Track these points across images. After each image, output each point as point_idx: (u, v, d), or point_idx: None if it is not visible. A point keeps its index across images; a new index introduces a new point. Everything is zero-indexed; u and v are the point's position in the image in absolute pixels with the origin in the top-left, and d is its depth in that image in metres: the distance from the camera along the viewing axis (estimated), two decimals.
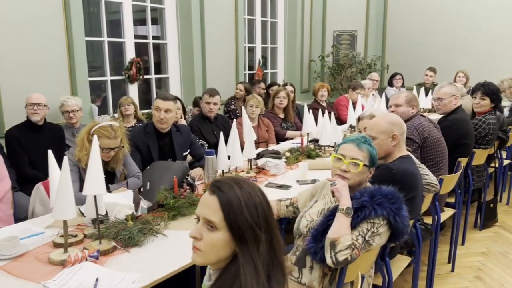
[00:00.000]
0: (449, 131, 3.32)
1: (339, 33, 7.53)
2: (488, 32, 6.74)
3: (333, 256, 1.65)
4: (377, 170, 2.24)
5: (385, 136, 2.29)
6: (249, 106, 4.02)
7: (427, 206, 2.68)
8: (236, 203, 1.04)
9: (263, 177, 2.84)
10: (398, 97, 3.14)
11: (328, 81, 7.39)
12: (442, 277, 3.07)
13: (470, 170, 3.55)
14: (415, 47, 7.40)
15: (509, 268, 3.17)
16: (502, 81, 4.99)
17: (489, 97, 3.64)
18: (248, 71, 6.49)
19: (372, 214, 1.70)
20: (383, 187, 1.77)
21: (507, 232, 3.81)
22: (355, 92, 5.25)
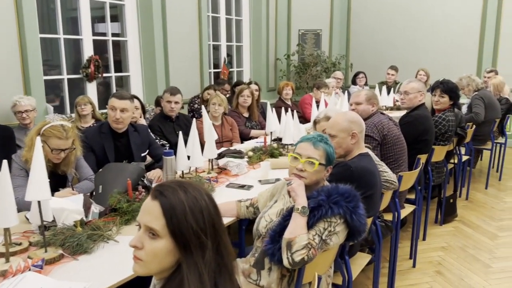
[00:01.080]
0: (410, 127, 3.38)
1: (304, 32, 7.57)
2: (447, 31, 6.94)
3: (289, 257, 1.62)
4: (335, 167, 2.24)
5: (344, 134, 2.29)
6: (212, 105, 3.95)
7: (387, 203, 2.70)
8: (180, 208, 0.98)
9: (224, 178, 2.79)
10: (359, 95, 3.15)
11: (294, 79, 7.41)
12: (403, 273, 3.11)
13: (430, 167, 3.62)
14: (377, 46, 7.53)
15: (468, 262, 3.25)
16: (461, 79, 5.13)
17: (448, 95, 3.73)
18: (213, 70, 6.41)
19: (328, 213, 1.68)
20: (340, 186, 1.76)
21: (467, 226, 3.91)
22: (319, 90, 5.27)
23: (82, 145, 2.41)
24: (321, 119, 2.92)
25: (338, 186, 1.76)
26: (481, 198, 4.63)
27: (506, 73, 6.01)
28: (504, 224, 3.92)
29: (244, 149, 3.36)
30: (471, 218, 4.08)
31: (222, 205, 2.19)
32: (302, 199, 1.72)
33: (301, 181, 1.80)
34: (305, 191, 1.80)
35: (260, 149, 3.34)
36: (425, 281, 3.00)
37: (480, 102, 4.78)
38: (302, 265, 1.64)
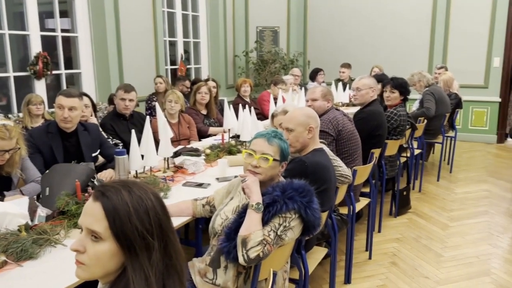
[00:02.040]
0: (364, 122, 3.46)
1: (262, 29, 7.58)
2: (399, 30, 7.16)
3: (244, 254, 1.61)
4: (290, 163, 2.25)
5: (302, 128, 2.31)
6: (168, 102, 3.87)
7: (342, 197, 2.75)
8: (124, 209, 0.94)
9: (181, 176, 2.74)
10: (314, 91, 3.19)
11: (253, 76, 7.42)
12: (359, 265, 3.18)
13: (383, 160, 3.72)
14: (334, 43, 7.66)
15: (421, 252, 3.37)
16: (412, 75, 5.30)
17: (398, 90, 3.84)
18: (170, 66, 6.29)
19: (283, 209, 1.68)
20: (294, 181, 1.77)
21: (420, 218, 4.05)
22: (277, 87, 5.30)
23: (27, 145, 2.29)
24: (279, 113, 2.94)
25: (292, 182, 1.76)
26: (433, 190, 4.81)
27: (455, 69, 6.29)
28: (455, 215, 4.10)
29: (201, 146, 3.32)
30: (424, 210, 4.24)
31: (177, 204, 2.16)
32: (256, 196, 1.71)
33: (256, 177, 1.79)
34: (260, 187, 1.79)
35: (218, 147, 3.31)
36: (380, 272, 3.08)
37: (431, 98, 4.96)
38: (258, 261, 1.64)
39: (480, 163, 5.80)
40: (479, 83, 6.69)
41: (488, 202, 4.37)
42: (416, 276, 3.01)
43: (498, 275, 2.98)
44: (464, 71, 6.56)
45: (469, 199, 4.47)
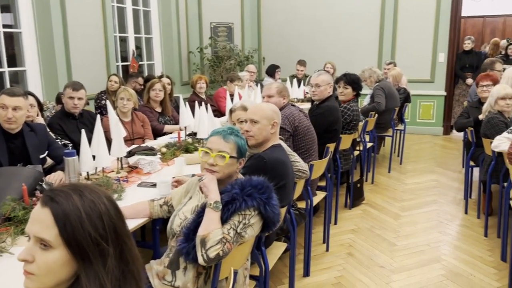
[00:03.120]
0: (322, 118, 3.52)
1: (216, 25, 7.52)
2: (350, 27, 7.34)
3: (204, 254, 1.59)
4: (249, 160, 2.25)
5: (267, 122, 2.33)
6: (119, 100, 3.75)
7: (300, 192, 2.79)
8: (75, 214, 0.89)
9: (135, 177, 2.66)
10: (270, 88, 3.21)
11: (208, 73, 7.35)
12: (318, 257, 3.24)
13: (338, 155, 3.81)
14: (288, 40, 7.74)
15: (376, 242, 3.48)
16: (363, 71, 5.46)
17: (351, 86, 3.94)
18: (121, 63, 6.10)
19: (242, 206, 1.67)
20: (253, 178, 1.76)
21: (373, 208, 4.19)
22: (233, 83, 5.28)
23: None
24: (238, 108, 2.93)
25: (251, 179, 1.76)
26: (385, 181, 4.99)
27: (404, 65, 6.54)
28: (406, 205, 4.27)
29: (157, 145, 3.25)
30: (377, 201, 4.38)
31: (133, 206, 2.10)
32: (214, 194, 1.69)
33: (213, 176, 1.77)
34: (219, 185, 1.77)
35: (174, 145, 3.25)
36: (338, 263, 3.16)
37: (381, 92, 5.14)
38: (218, 260, 1.62)
39: (428, 155, 6.07)
40: (425, 78, 7.00)
41: (436, 192, 4.59)
42: (372, 266, 3.11)
43: (448, 261, 3.14)
44: (411, 66, 6.84)
45: (419, 189, 4.68)
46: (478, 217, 3.86)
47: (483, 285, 2.82)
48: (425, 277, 2.93)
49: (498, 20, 10.78)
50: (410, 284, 2.86)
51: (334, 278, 2.96)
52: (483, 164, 3.68)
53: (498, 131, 3.38)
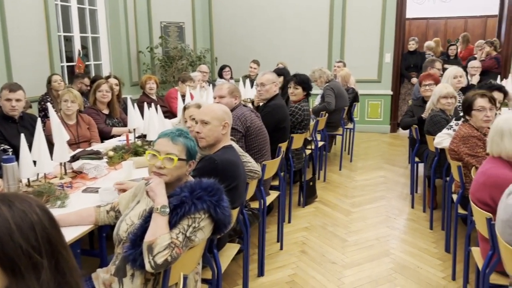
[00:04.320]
0: (270, 116, 3.53)
1: (167, 24, 7.38)
2: (300, 27, 7.44)
3: (151, 261, 1.54)
4: (200, 162, 2.22)
5: (218, 122, 2.30)
6: (63, 102, 3.57)
7: (252, 192, 2.79)
8: (4, 227, 0.83)
9: (80, 182, 2.54)
10: (221, 88, 3.18)
11: (159, 73, 7.20)
12: (272, 256, 3.26)
13: (290, 154, 3.85)
14: (240, 40, 7.74)
15: (328, 239, 3.55)
16: (314, 72, 5.55)
17: (302, 86, 4.00)
18: (66, 63, 5.84)
19: (192, 210, 1.64)
20: (203, 180, 1.73)
21: (325, 206, 4.27)
22: (184, 84, 5.19)
23: None
24: (191, 105, 2.90)
25: (201, 181, 1.73)
26: (336, 179, 5.11)
27: (352, 65, 6.73)
28: (356, 201, 4.39)
29: (103, 149, 3.13)
30: (329, 198, 4.47)
31: (78, 212, 2.00)
32: (161, 198, 1.65)
33: (160, 179, 1.72)
34: (168, 188, 1.73)
35: (123, 148, 3.14)
36: (291, 262, 3.19)
37: (331, 92, 5.25)
38: (166, 266, 1.58)
39: (377, 152, 6.28)
40: (373, 78, 7.24)
41: (384, 188, 4.75)
42: (324, 262, 3.16)
43: (396, 255, 3.25)
44: (359, 66, 7.05)
45: (368, 186, 4.83)
46: (424, 211, 4.04)
47: (429, 276, 2.95)
48: (375, 271, 3.03)
49: (440, 22, 11.37)
50: (360, 279, 2.93)
51: (288, 276, 2.98)
52: (427, 160, 3.86)
53: (440, 128, 3.55)
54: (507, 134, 2.17)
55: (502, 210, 1.87)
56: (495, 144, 2.23)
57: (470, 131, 2.94)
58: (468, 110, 2.98)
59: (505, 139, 2.18)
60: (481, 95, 2.94)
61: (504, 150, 2.19)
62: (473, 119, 2.96)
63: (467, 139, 2.92)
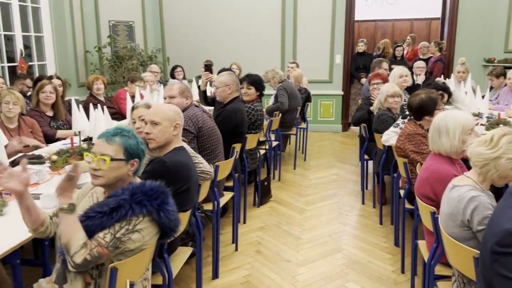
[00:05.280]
0: (226, 120, 3.50)
1: (115, 23, 7.15)
2: (253, 28, 7.46)
3: (70, 261, 1.51)
4: (150, 164, 2.16)
5: (168, 123, 2.25)
6: (4, 104, 3.37)
7: (205, 194, 2.75)
8: None
9: None
10: (171, 88, 3.12)
11: (108, 73, 6.96)
12: (227, 258, 3.23)
13: (244, 154, 3.84)
14: (193, 40, 7.64)
15: (283, 237, 3.57)
16: (267, 72, 5.58)
17: (254, 86, 4.01)
18: (7, 64, 5.51)
19: (129, 214, 1.59)
20: (147, 183, 1.68)
21: (280, 205, 4.30)
22: (134, 84, 5.05)
23: None
24: (140, 105, 2.82)
25: (144, 184, 1.68)
26: (290, 178, 5.16)
27: (304, 65, 6.82)
28: (310, 199, 4.45)
29: (46, 153, 2.97)
30: (284, 197, 4.51)
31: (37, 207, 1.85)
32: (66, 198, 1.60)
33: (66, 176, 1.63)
34: (109, 189, 1.70)
35: (67, 151, 2.99)
36: (246, 262, 3.17)
37: (284, 93, 5.30)
38: (89, 265, 1.54)
39: (329, 150, 6.42)
40: (324, 78, 7.39)
41: (337, 185, 4.85)
42: (279, 261, 3.18)
43: (348, 250, 3.33)
44: (311, 67, 7.16)
45: (321, 184, 4.91)
46: (374, 207, 4.16)
47: (379, 270, 3.04)
48: (328, 267, 3.08)
49: (387, 24, 11.82)
50: (314, 276, 2.97)
51: (243, 277, 2.97)
52: (376, 157, 3.98)
53: (387, 126, 3.68)
54: (443, 131, 2.27)
55: (446, 204, 1.95)
56: (434, 142, 2.33)
57: (415, 129, 3.06)
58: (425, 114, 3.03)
59: (442, 136, 2.28)
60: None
61: (442, 147, 2.29)
62: (424, 122, 3.05)
63: (412, 136, 3.03)
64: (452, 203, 1.89)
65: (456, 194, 1.88)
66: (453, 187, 1.93)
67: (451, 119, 2.28)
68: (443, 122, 2.29)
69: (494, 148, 1.79)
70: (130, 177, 1.76)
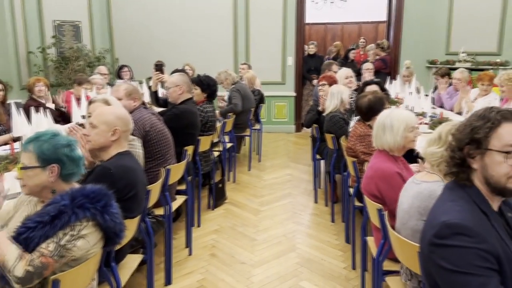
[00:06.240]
0: (175, 120, 3.43)
1: (61, 23, 6.84)
2: (205, 29, 7.38)
3: (12, 277, 1.44)
4: (93, 172, 2.08)
5: (106, 127, 2.15)
6: None
7: (156, 198, 2.68)
8: None
9: None
10: (118, 90, 3.02)
11: (54, 75, 6.65)
12: (180, 263, 3.17)
13: (197, 157, 3.79)
14: (143, 41, 7.45)
15: (238, 239, 3.56)
16: (219, 74, 5.55)
17: (200, 87, 3.99)
18: None
19: (72, 219, 1.52)
20: (87, 186, 1.62)
21: (235, 207, 4.28)
22: (81, 86, 4.84)
23: None
24: (98, 100, 2.74)
25: (84, 187, 1.62)
26: (246, 179, 5.15)
27: (257, 67, 6.85)
28: (265, 200, 4.47)
29: None
30: (239, 199, 4.50)
31: None
32: None
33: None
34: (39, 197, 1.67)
35: (6, 158, 2.82)
36: (201, 266, 3.13)
37: (237, 94, 5.29)
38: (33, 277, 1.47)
39: (283, 151, 6.48)
40: (277, 80, 7.46)
41: (291, 185, 4.91)
42: (234, 264, 3.16)
43: (302, 249, 3.37)
44: (264, 69, 7.20)
45: (276, 184, 4.95)
46: (326, 205, 4.24)
47: (331, 267, 3.09)
48: (282, 267, 3.10)
49: (337, 27, 12.13)
50: (269, 276, 2.98)
51: (197, 282, 2.92)
52: (327, 157, 4.06)
53: (340, 127, 3.77)
54: (388, 128, 2.36)
55: (411, 198, 1.97)
56: (378, 138, 2.41)
57: (365, 130, 3.14)
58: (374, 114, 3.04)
59: (387, 132, 2.36)
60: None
61: (386, 142, 2.37)
62: (373, 122, 3.12)
63: (363, 138, 3.11)
64: (422, 197, 1.92)
65: (427, 191, 1.91)
66: (421, 183, 1.97)
67: (395, 116, 2.37)
68: (388, 119, 2.37)
69: (444, 145, 1.86)
70: (59, 183, 1.67)
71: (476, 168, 1.38)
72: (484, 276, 1.25)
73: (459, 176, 1.42)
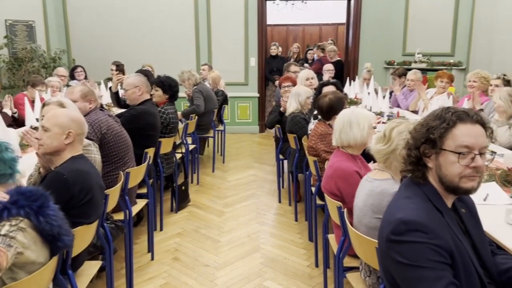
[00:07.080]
0: (132, 120, 3.37)
1: (13, 23, 6.55)
2: (166, 29, 7.27)
3: None
4: (46, 177, 2.00)
5: (59, 130, 2.06)
6: None
7: (115, 203, 2.61)
8: None
9: None
10: (72, 92, 2.91)
11: (6, 77, 6.36)
12: (142, 268, 3.11)
13: (159, 159, 3.73)
14: (100, 41, 7.24)
15: (201, 242, 3.52)
16: (182, 73, 5.47)
17: (161, 88, 3.92)
18: None
19: (4, 215, 1.47)
20: (22, 187, 1.57)
21: (199, 209, 4.24)
22: (35, 89, 4.65)
23: None
24: (52, 102, 2.63)
25: (20, 187, 1.56)
26: (209, 181, 5.12)
27: (220, 68, 6.81)
28: (229, 201, 4.45)
29: None
30: (202, 201, 4.45)
31: None
32: None
33: None
34: None
35: None
36: (163, 271, 3.08)
37: (199, 95, 5.24)
38: None
39: (247, 152, 6.49)
40: (240, 81, 7.46)
41: (255, 185, 4.91)
42: (197, 266, 3.13)
43: (266, 249, 3.38)
44: (227, 70, 7.17)
45: (240, 185, 4.94)
46: (290, 204, 4.28)
47: (295, 266, 3.12)
48: (246, 268, 3.10)
49: (298, 28, 12.29)
50: (233, 278, 2.97)
51: (160, 287, 2.88)
52: (290, 156, 4.10)
53: (301, 127, 3.81)
54: (355, 123, 2.42)
55: (365, 195, 2.01)
56: (344, 134, 2.45)
57: (326, 129, 3.19)
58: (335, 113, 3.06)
59: (354, 128, 2.41)
60: None
61: (352, 137, 2.42)
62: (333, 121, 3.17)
63: (324, 136, 3.16)
64: (374, 195, 1.96)
65: (379, 188, 1.95)
66: (373, 181, 2.01)
67: (359, 113, 2.47)
68: (353, 115, 2.44)
69: (389, 142, 1.92)
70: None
71: (431, 167, 1.42)
72: (439, 270, 1.29)
73: (414, 174, 1.47)
